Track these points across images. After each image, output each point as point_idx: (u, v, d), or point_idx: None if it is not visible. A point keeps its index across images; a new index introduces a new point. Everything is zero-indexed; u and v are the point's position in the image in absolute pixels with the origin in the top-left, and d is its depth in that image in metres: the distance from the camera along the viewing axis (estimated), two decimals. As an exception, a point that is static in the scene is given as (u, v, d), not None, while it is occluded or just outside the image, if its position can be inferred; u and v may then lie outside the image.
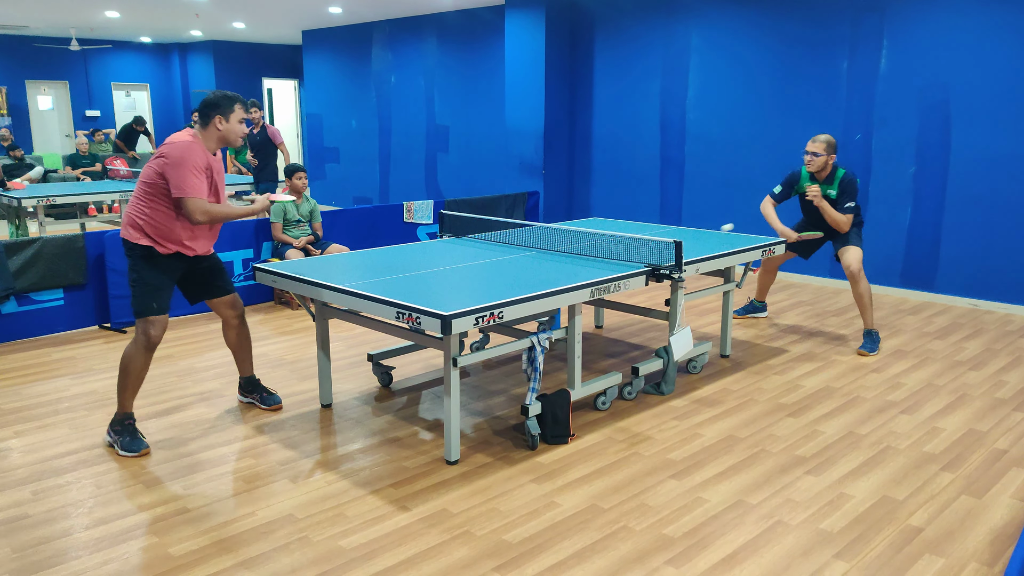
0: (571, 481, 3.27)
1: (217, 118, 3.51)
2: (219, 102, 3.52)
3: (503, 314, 3.16)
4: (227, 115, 3.53)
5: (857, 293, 5.04)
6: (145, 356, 3.50)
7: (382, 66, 11.38)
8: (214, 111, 3.51)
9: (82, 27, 12.56)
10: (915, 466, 3.42)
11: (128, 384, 3.51)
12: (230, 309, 3.90)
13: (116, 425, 3.55)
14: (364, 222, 7.12)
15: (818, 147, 4.97)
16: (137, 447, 3.49)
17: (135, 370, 3.50)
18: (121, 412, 3.56)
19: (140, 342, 3.48)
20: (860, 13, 6.59)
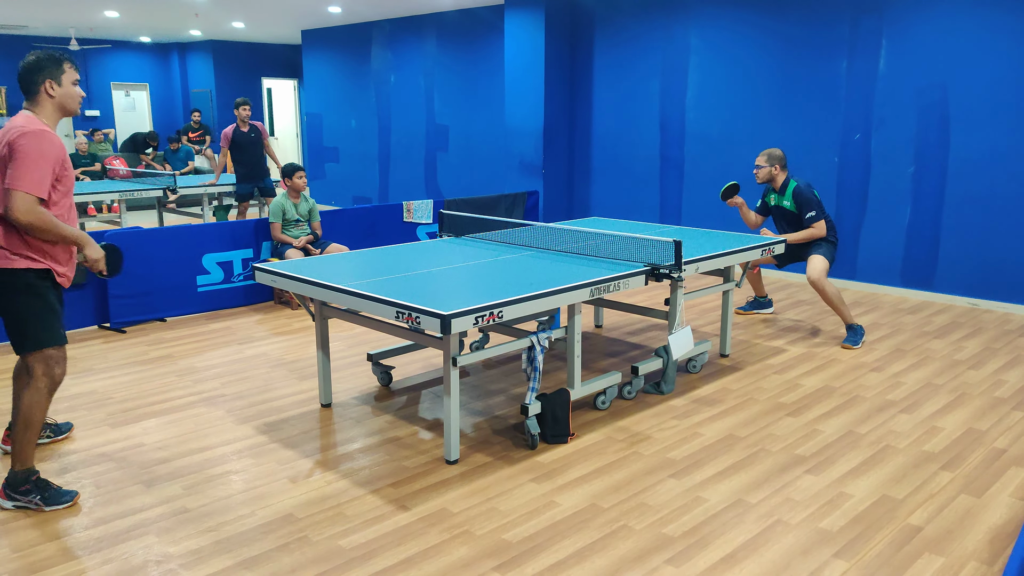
0: (571, 480, 3.27)
1: (46, 84, 2.92)
2: (42, 64, 2.92)
3: (503, 314, 3.16)
4: (57, 77, 2.94)
5: (826, 299, 5.15)
6: (48, 400, 3.02)
7: (382, 65, 11.38)
8: (40, 76, 2.91)
9: (81, 27, 12.55)
10: (914, 465, 3.42)
11: (31, 437, 3.00)
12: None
13: (22, 485, 3.01)
14: (364, 222, 7.12)
15: (760, 159, 5.25)
16: (67, 496, 3.05)
17: (39, 419, 3.00)
18: (24, 469, 3.03)
19: (43, 386, 2.97)
20: (859, 14, 6.59)
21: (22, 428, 2.99)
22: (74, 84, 3.01)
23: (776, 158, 5.23)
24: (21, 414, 2.99)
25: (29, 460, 3.04)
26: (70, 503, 3.06)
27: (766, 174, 5.24)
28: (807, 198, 5.12)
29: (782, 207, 5.28)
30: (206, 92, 15.02)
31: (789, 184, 5.22)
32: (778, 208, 5.33)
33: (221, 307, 6.16)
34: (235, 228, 6.22)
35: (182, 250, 5.91)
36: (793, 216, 5.22)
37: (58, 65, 2.96)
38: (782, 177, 5.26)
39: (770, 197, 5.38)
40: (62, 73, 2.97)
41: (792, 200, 5.20)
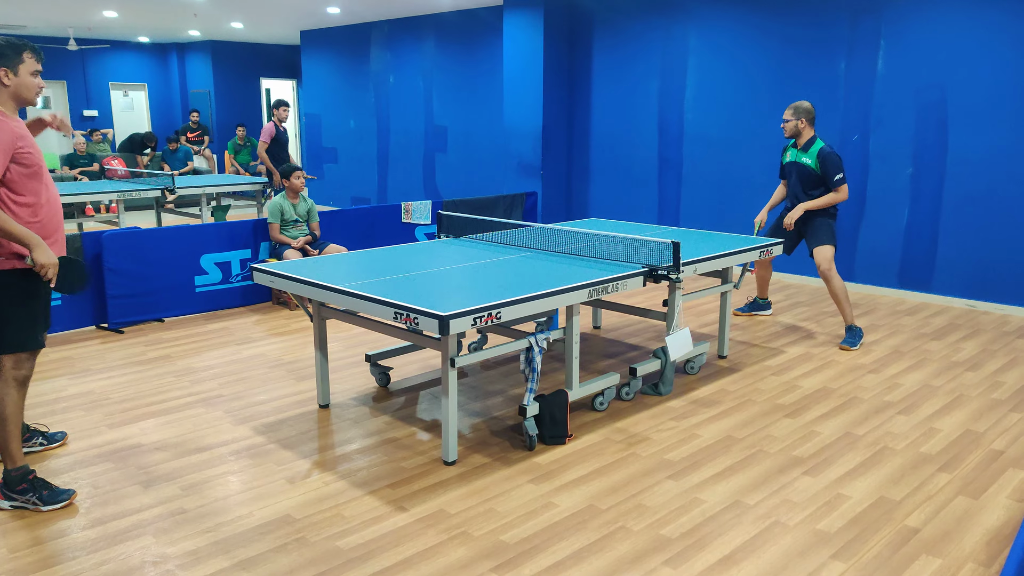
0: (569, 482, 3.27)
1: (2, 71, 2.86)
2: (2, 52, 2.85)
3: (501, 314, 3.16)
4: (13, 67, 2.88)
5: (831, 291, 5.16)
6: (20, 393, 2.97)
7: (380, 66, 11.38)
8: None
9: (80, 27, 12.55)
10: (912, 467, 3.43)
11: (10, 431, 2.96)
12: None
13: (18, 484, 2.99)
14: (362, 222, 7.12)
15: (787, 113, 5.18)
16: (64, 495, 3.03)
17: (14, 412, 2.96)
18: (16, 468, 3.00)
19: (10, 379, 2.93)
20: (857, 15, 6.60)
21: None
22: (33, 75, 2.93)
23: (803, 111, 5.12)
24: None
25: (19, 458, 3.03)
26: (67, 502, 3.05)
27: (793, 128, 5.14)
28: (834, 161, 5.02)
29: (801, 163, 5.15)
30: (205, 92, 15.01)
31: (815, 143, 5.11)
32: (796, 164, 5.20)
33: (219, 307, 6.15)
34: (233, 228, 6.21)
35: (180, 250, 5.91)
36: (811, 176, 5.12)
37: (17, 54, 2.89)
38: (808, 134, 5.15)
39: (787, 154, 5.29)
40: (20, 63, 2.90)
41: (816, 159, 5.08)
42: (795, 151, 5.23)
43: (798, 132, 5.16)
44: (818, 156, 5.08)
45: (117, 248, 5.53)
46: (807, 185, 5.18)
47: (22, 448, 3.07)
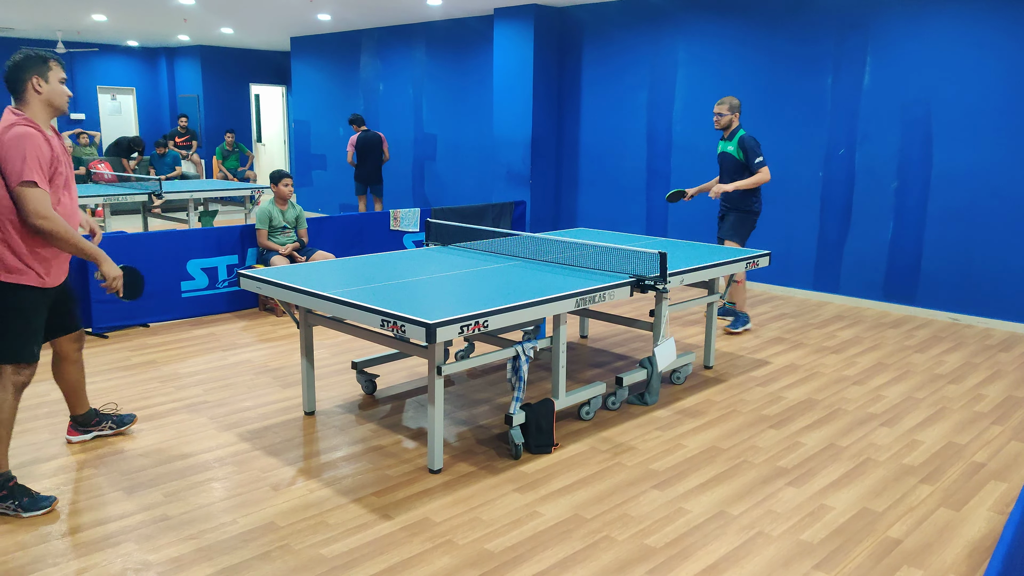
0: (554, 491, 3.27)
1: (33, 81, 2.93)
2: (28, 63, 2.93)
3: (488, 323, 3.17)
4: (43, 74, 2.95)
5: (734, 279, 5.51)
6: (15, 399, 2.99)
7: (370, 74, 11.39)
8: (26, 74, 2.92)
9: (69, 30, 12.49)
10: (894, 478, 3.45)
11: (1, 436, 2.97)
12: (74, 342, 3.43)
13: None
14: (350, 229, 7.11)
15: (722, 108, 5.49)
16: (45, 501, 3.00)
17: (6, 418, 2.97)
18: (0, 474, 3.00)
19: (9, 387, 2.96)
20: (844, 30, 6.68)
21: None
22: (61, 82, 3.02)
23: (736, 106, 5.48)
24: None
25: (3, 463, 3.01)
26: (48, 509, 3.01)
27: (727, 122, 5.49)
28: (752, 145, 5.37)
29: (727, 153, 5.52)
30: (193, 97, 14.97)
31: (738, 131, 5.47)
32: (723, 155, 5.57)
33: (205, 313, 6.12)
34: (220, 234, 6.19)
35: (167, 255, 5.88)
36: (735, 163, 5.46)
37: (44, 63, 2.98)
38: (735, 124, 5.51)
39: (720, 145, 5.64)
40: (49, 71, 2.98)
41: (737, 146, 5.43)
42: (722, 142, 5.58)
43: (731, 125, 5.50)
44: (739, 143, 5.43)
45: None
46: (733, 173, 5.52)
47: (7, 454, 3.04)
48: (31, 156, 2.82)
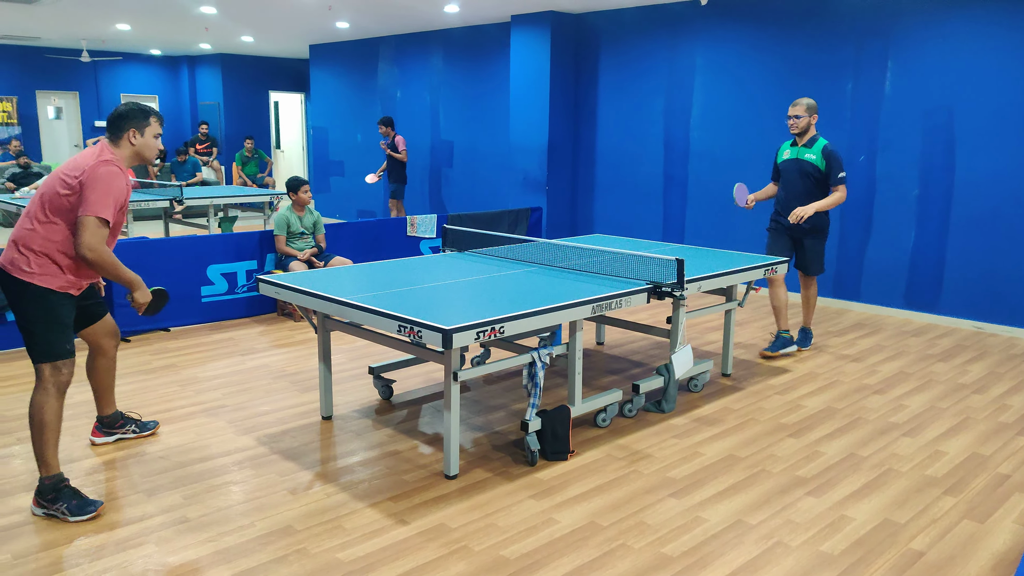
0: (570, 498, 3.26)
1: (131, 131, 3.15)
2: (132, 114, 3.16)
3: (504, 329, 3.17)
4: (141, 128, 3.17)
5: (806, 295, 5.44)
6: (59, 401, 3.05)
7: (388, 81, 11.46)
8: (127, 123, 3.15)
9: (93, 39, 12.68)
10: (917, 489, 3.41)
11: (48, 439, 3.02)
12: (110, 338, 3.57)
13: (49, 493, 3.02)
14: (368, 235, 7.15)
15: (798, 109, 5.04)
16: (91, 506, 3.04)
17: (52, 420, 3.03)
18: (50, 476, 3.04)
19: (51, 387, 3.03)
20: (865, 37, 6.64)
21: (36, 432, 3.02)
22: (155, 137, 3.23)
23: (813, 108, 5.03)
24: (32, 418, 3.02)
25: (54, 466, 3.06)
26: (94, 514, 3.04)
27: (805, 124, 5.04)
28: (839, 158, 4.96)
29: (804, 160, 5.03)
30: (214, 105, 15.13)
31: (819, 139, 5.05)
32: (797, 162, 5.07)
33: (224, 318, 6.17)
34: (240, 240, 6.25)
35: (187, 261, 5.94)
36: (814, 173, 5.01)
37: (145, 118, 3.20)
38: (813, 130, 5.08)
39: (785, 152, 5.19)
40: (147, 126, 3.20)
41: (820, 156, 5.00)
42: (796, 148, 5.12)
43: (809, 128, 5.07)
44: (823, 153, 5.01)
45: (125, 258, 5.55)
46: (809, 183, 5.07)
47: (58, 456, 3.09)
48: (112, 196, 3.01)
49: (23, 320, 3.03)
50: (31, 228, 3.01)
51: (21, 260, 3.00)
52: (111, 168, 3.04)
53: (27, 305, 3.02)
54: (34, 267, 2.99)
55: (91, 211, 2.95)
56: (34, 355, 3.04)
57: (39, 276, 3.00)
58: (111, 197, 3.00)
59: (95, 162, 3.02)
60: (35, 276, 3.00)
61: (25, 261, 2.99)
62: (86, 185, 2.97)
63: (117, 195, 3.04)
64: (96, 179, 2.98)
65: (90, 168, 3.00)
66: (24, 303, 3.02)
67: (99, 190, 2.97)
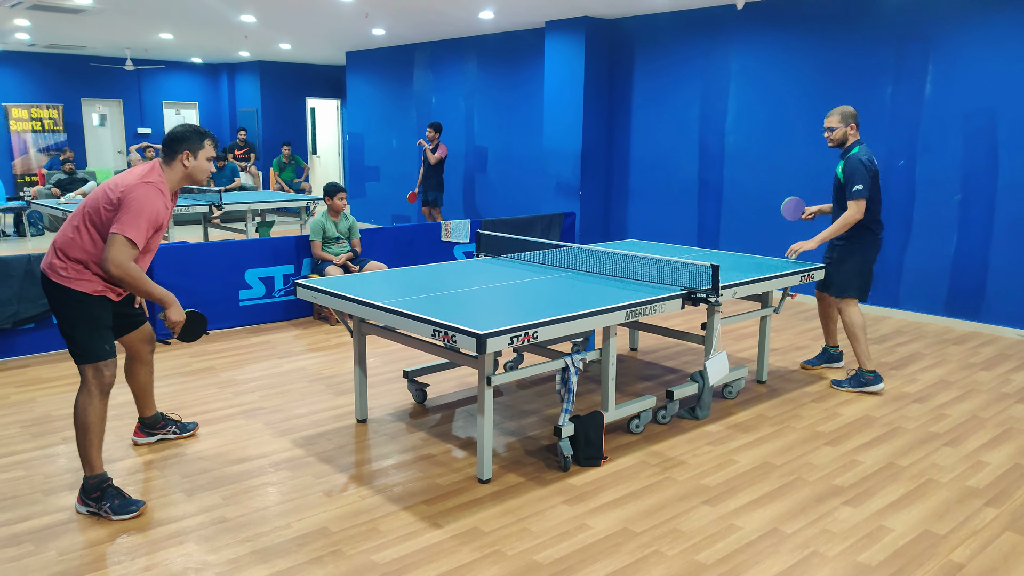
0: (603, 504, 3.26)
1: (184, 154, 3.21)
2: (187, 136, 3.21)
3: (537, 334, 3.18)
4: (195, 151, 3.22)
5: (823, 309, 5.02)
6: (102, 402, 3.12)
7: (423, 87, 11.55)
8: (181, 146, 3.20)
9: (137, 48, 12.99)
10: (958, 500, 3.34)
11: (92, 440, 3.10)
12: (146, 344, 3.64)
13: (93, 491, 3.09)
14: (402, 240, 7.21)
15: (832, 120, 4.47)
16: (134, 505, 3.11)
17: (95, 421, 3.09)
18: (94, 475, 3.11)
19: (94, 389, 3.09)
20: (905, 41, 6.53)
21: (80, 433, 3.10)
22: (208, 160, 3.28)
23: (849, 115, 4.43)
24: (76, 419, 3.10)
25: (98, 465, 3.14)
26: (136, 513, 3.11)
27: (841, 135, 4.44)
28: (858, 168, 4.34)
29: (836, 174, 4.51)
30: (252, 111, 15.39)
31: (852, 147, 4.48)
32: (835, 177, 4.56)
33: (262, 321, 6.28)
34: (277, 244, 6.35)
35: (226, 265, 6.06)
36: (838, 186, 4.51)
37: (200, 140, 3.24)
38: (852, 140, 4.47)
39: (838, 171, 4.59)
40: (200, 149, 3.24)
41: (843, 166, 4.47)
42: (841, 162, 4.56)
43: (846, 139, 4.49)
44: (845, 162, 4.47)
45: (165, 261, 5.69)
46: (837, 200, 4.56)
47: (101, 456, 3.18)
48: (145, 218, 3.03)
49: (63, 324, 3.12)
50: (72, 236, 3.08)
51: (59, 265, 3.07)
52: (151, 190, 3.07)
53: (66, 309, 3.10)
54: (70, 272, 3.07)
55: (121, 230, 2.98)
56: (77, 357, 3.12)
57: (75, 281, 3.07)
58: (144, 219, 3.02)
59: (137, 181, 3.06)
60: (72, 281, 3.07)
61: (62, 267, 3.07)
62: (123, 203, 3.01)
63: (152, 217, 3.06)
64: (134, 199, 3.01)
65: (130, 187, 3.04)
66: (63, 307, 3.10)
67: (133, 210, 3.00)
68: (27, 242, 10.55)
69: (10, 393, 4.54)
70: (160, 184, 3.13)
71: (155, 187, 3.09)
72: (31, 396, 4.50)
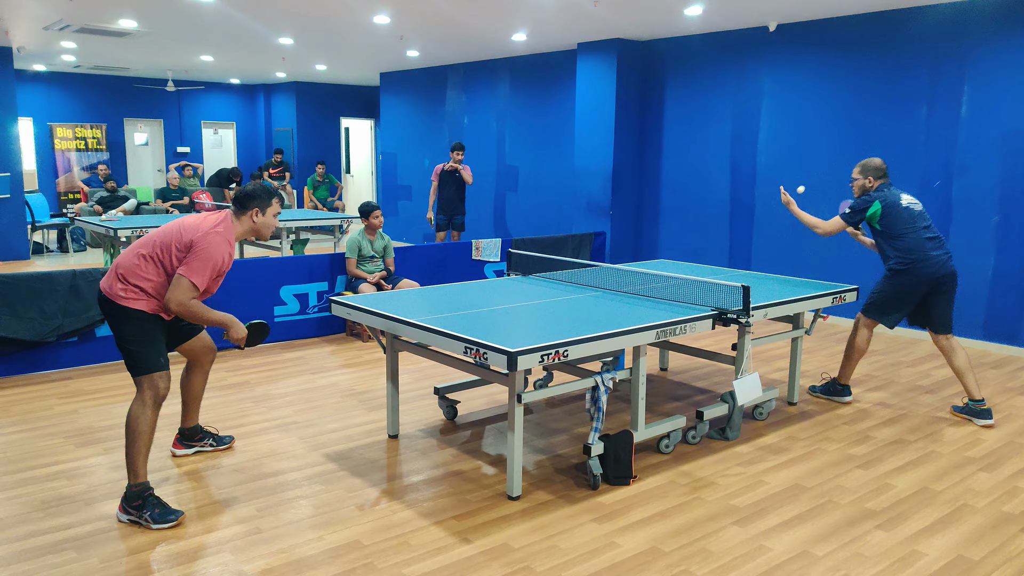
0: (632, 523, 3.27)
1: (254, 210, 3.43)
2: (258, 195, 3.44)
3: (568, 353, 3.21)
4: (264, 209, 3.45)
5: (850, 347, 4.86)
6: (155, 413, 3.27)
7: (455, 107, 11.71)
8: (252, 203, 3.43)
9: (178, 69, 13.37)
10: (993, 526, 3.29)
11: (140, 448, 3.23)
12: (208, 353, 3.80)
13: (135, 500, 3.21)
14: (434, 259, 7.30)
15: (854, 171, 4.75)
16: (173, 515, 3.20)
17: (145, 431, 3.23)
18: (138, 484, 3.23)
19: (148, 400, 3.25)
20: (940, 60, 6.49)
21: (130, 441, 3.23)
22: (274, 216, 3.49)
23: (869, 169, 4.65)
24: (127, 426, 3.24)
25: (142, 474, 3.25)
26: (175, 522, 3.20)
27: (859, 187, 4.71)
28: (858, 199, 4.65)
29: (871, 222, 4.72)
30: (288, 131, 15.70)
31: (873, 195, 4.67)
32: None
33: (296, 337, 6.39)
34: (311, 262, 6.47)
35: (261, 281, 6.19)
36: (873, 232, 4.72)
37: (269, 199, 3.47)
38: (872, 187, 4.67)
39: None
40: (268, 207, 3.47)
41: None
42: None
43: (866, 190, 4.72)
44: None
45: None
46: (879, 240, 4.70)
47: (147, 466, 3.29)
48: (211, 266, 3.26)
49: (120, 340, 3.30)
50: (137, 263, 3.28)
51: (118, 288, 3.27)
52: (220, 240, 3.30)
53: (123, 325, 3.28)
54: (129, 294, 3.27)
55: (188, 274, 3.21)
56: (133, 370, 3.29)
57: (133, 301, 3.27)
58: (210, 267, 3.25)
59: (210, 230, 3.29)
60: (130, 301, 3.26)
61: (122, 289, 3.27)
62: (194, 248, 3.24)
63: (217, 265, 3.29)
64: (204, 247, 3.24)
65: (203, 235, 3.27)
66: (121, 324, 3.29)
67: (202, 257, 3.23)
68: (70, 258, 10.85)
69: (53, 404, 4.68)
70: (228, 235, 3.36)
71: (224, 237, 3.32)
72: (74, 408, 4.63)
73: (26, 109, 13.69)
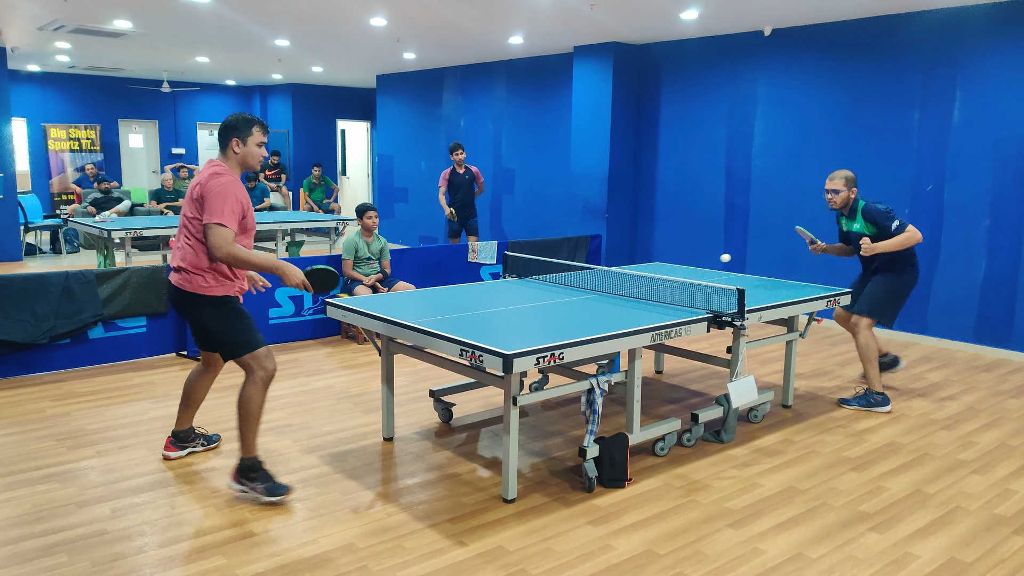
0: (627, 525, 3.27)
1: (234, 141, 3.38)
2: (236, 124, 3.38)
3: (563, 355, 3.22)
4: (244, 138, 3.38)
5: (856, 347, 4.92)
6: (264, 393, 3.39)
7: (452, 110, 11.72)
8: (231, 134, 3.38)
9: (173, 70, 13.34)
10: (985, 528, 3.31)
11: (252, 426, 3.37)
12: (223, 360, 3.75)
13: (250, 472, 3.39)
14: (430, 261, 7.30)
15: (836, 183, 4.75)
16: (281, 490, 3.38)
17: (256, 409, 3.37)
18: (250, 457, 3.41)
19: (259, 379, 3.36)
20: (932, 65, 6.53)
21: (243, 419, 3.37)
22: (258, 145, 3.43)
23: (853, 182, 4.76)
24: (242, 407, 3.36)
25: (254, 448, 3.41)
26: (285, 494, 3.37)
27: (843, 199, 4.75)
28: (881, 212, 4.66)
29: (855, 232, 4.80)
30: (284, 132, 15.68)
31: (858, 205, 4.78)
32: (851, 234, 4.84)
33: (291, 339, 6.38)
34: (306, 264, 6.46)
35: (257, 283, 6.17)
36: (875, 237, 4.71)
37: (248, 127, 3.40)
38: (853, 199, 4.81)
39: (841, 222, 4.95)
40: (249, 135, 3.40)
41: (863, 220, 4.73)
42: (845, 220, 4.88)
43: (848, 201, 4.79)
44: (863, 216, 4.74)
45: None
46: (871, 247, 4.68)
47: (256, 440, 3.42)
48: (230, 202, 3.25)
49: (213, 331, 3.39)
50: (188, 249, 3.33)
51: (196, 277, 3.34)
52: (222, 177, 3.28)
53: (207, 315, 3.38)
54: (211, 282, 3.35)
55: (211, 218, 3.20)
56: (235, 353, 3.37)
57: (213, 288, 3.35)
58: (228, 203, 3.22)
59: (210, 176, 3.29)
60: (211, 289, 3.34)
61: (201, 279, 3.34)
62: (205, 198, 3.24)
63: (234, 200, 3.25)
64: (213, 188, 3.24)
65: (206, 181, 3.27)
66: (204, 314, 3.37)
67: (218, 198, 3.22)
68: (63, 259, 10.82)
69: (45, 407, 4.67)
70: (228, 172, 3.34)
71: (226, 176, 3.30)
72: (66, 410, 4.62)
73: (20, 110, 13.65)
